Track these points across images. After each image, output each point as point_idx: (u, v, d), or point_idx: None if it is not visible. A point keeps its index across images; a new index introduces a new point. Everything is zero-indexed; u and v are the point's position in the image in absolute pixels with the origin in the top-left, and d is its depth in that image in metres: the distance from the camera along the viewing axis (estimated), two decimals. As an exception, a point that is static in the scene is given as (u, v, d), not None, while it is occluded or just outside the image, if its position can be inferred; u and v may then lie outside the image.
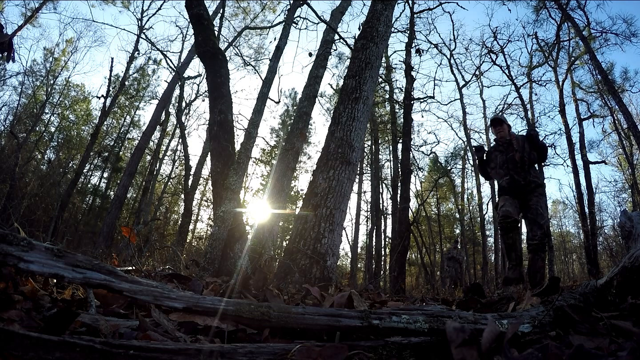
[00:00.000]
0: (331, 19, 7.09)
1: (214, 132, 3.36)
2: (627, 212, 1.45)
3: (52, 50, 17.96)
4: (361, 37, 3.98)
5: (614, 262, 10.09)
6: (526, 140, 3.62)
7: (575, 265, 25.61)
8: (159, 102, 12.77)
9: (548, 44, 13.42)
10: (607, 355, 0.61)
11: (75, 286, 1.13)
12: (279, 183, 5.26)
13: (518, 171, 3.58)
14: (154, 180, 16.81)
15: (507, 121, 3.82)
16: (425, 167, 18.43)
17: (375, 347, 0.72)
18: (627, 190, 16.83)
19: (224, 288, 1.34)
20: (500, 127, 3.75)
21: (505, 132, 3.73)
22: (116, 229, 11.12)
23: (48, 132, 19.09)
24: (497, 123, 3.78)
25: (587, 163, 12.06)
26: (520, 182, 3.54)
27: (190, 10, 3.69)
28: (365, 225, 18.73)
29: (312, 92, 5.97)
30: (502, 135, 3.74)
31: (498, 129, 3.76)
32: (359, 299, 1.22)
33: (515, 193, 3.57)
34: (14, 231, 0.80)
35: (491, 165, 3.82)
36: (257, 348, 0.62)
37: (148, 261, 3.56)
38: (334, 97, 15.29)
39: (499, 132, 3.76)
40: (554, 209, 25.35)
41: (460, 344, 0.57)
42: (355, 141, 3.31)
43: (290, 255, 2.82)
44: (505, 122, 3.78)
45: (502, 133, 3.73)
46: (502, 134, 3.74)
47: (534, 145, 3.58)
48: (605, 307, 0.98)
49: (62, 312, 0.64)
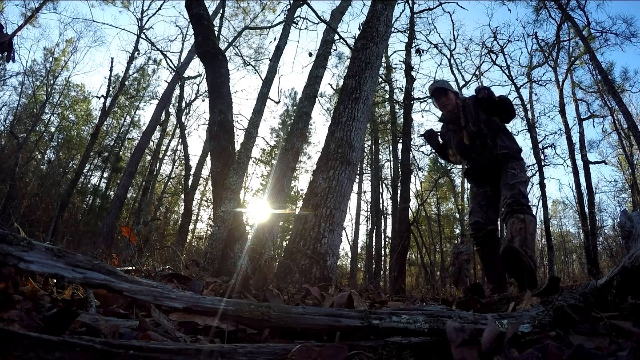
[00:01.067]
0: (331, 19, 7.09)
1: (214, 132, 3.36)
2: (627, 212, 1.45)
3: (52, 50, 17.98)
4: (361, 37, 3.98)
5: (614, 262, 10.08)
6: (478, 107, 2.82)
7: (575, 265, 25.61)
8: (159, 102, 12.78)
9: (548, 44, 13.42)
10: (607, 355, 0.61)
11: (75, 286, 1.13)
12: (279, 183, 5.26)
13: (479, 151, 2.77)
14: (154, 180, 16.81)
15: (452, 88, 3.04)
16: (425, 167, 18.44)
17: (375, 347, 0.72)
18: (627, 190, 16.84)
19: (224, 288, 1.34)
20: (445, 99, 2.95)
21: (452, 102, 2.94)
22: (116, 229, 11.11)
23: (48, 132, 19.10)
24: (441, 93, 2.97)
25: (587, 163, 12.06)
26: (486, 163, 2.78)
27: (190, 10, 3.69)
28: (365, 225, 18.75)
29: (312, 92, 5.97)
30: (449, 108, 2.95)
31: (443, 102, 2.96)
32: (359, 299, 1.22)
33: (483, 178, 2.85)
34: (14, 231, 0.80)
35: (449, 152, 3.05)
36: (257, 348, 0.62)
37: (148, 261, 3.56)
38: (334, 97, 15.28)
39: (444, 105, 2.97)
40: (554, 209, 25.34)
41: (461, 344, 0.57)
42: (355, 141, 3.31)
43: (290, 255, 2.82)
44: (451, 90, 2.99)
45: (449, 105, 2.94)
46: (449, 107, 2.94)
47: (490, 107, 2.73)
48: (605, 307, 0.98)
49: (62, 312, 0.64)
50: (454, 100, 2.96)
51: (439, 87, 3.00)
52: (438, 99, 3.00)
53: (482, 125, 2.76)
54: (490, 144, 2.74)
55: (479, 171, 2.85)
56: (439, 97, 2.99)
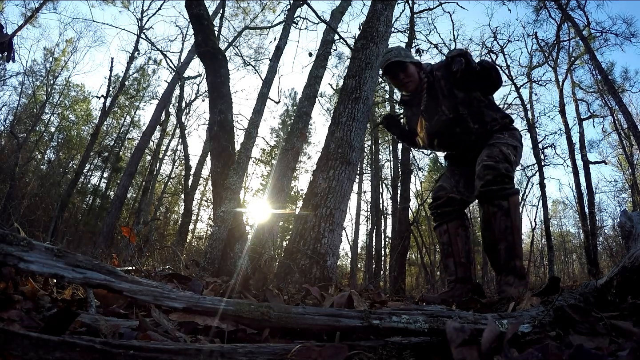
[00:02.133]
0: (331, 19, 7.09)
1: (214, 132, 3.36)
2: (627, 212, 1.45)
3: (52, 50, 17.99)
4: (361, 37, 3.98)
5: (614, 262, 10.09)
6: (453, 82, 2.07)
7: (575, 265, 25.61)
8: (159, 102, 12.77)
9: (548, 44, 13.42)
10: (607, 355, 0.61)
11: (75, 286, 1.13)
12: (279, 183, 5.26)
13: (460, 137, 2.13)
14: (154, 180, 16.81)
15: (412, 58, 2.21)
16: (425, 167, 18.40)
17: (375, 347, 0.72)
18: (627, 190, 16.84)
19: (224, 288, 1.34)
20: (404, 75, 2.16)
21: (414, 79, 2.18)
22: (116, 229, 11.11)
23: (48, 132, 19.10)
24: (398, 69, 2.15)
25: (587, 163, 12.06)
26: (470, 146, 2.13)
27: (190, 10, 3.69)
28: (365, 225, 18.75)
29: (312, 92, 5.97)
30: (411, 87, 2.19)
31: (402, 79, 2.18)
32: (359, 299, 1.22)
33: (469, 158, 2.16)
34: (14, 231, 0.80)
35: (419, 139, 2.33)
36: (257, 348, 0.62)
37: (148, 261, 3.56)
38: (334, 97, 15.29)
39: (404, 84, 2.19)
40: (554, 209, 25.34)
41: (460, 344, 0.57)
42: (355, 141, 3.31)
43: (290, 255, 2.82)
44: (412, 62, 2.17)
45: (411, 84, 2.18)
46: (411, 85, 2.19)
47: (470, 81, 1.99)
48: (605, 307, 0.98)
49: (62, 312, 0.64)
50: (417, 74, 2.19)
51: (395, 62, 2.13)
52: (394, 76, 2.19)
53: (460, 109, 2.08)
54: (473, 128, 2.09)
55: (463, 155, 2.23)
56: (395, 75, 2.18)
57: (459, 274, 2.09)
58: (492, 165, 1.92)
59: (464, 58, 1.93)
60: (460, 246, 2.12)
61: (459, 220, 2.16)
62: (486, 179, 1.91)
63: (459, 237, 2.13)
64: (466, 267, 2.10)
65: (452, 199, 2.16)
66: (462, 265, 2.10)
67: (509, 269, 1.87)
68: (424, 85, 2.18)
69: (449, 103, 2.11)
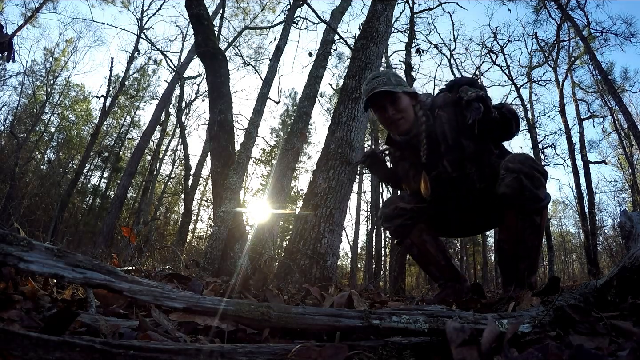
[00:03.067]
0: (331, 19, 7.10)
1: (214, 132, 3.36)
2: (627, 212, 1.45)
3: (52, 50, 17.99)
4: (361, 37, 3.98)
5: (614, 262, 10.09)
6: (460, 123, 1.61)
7: (575, 265, 25.62)
8: (159, 102, 12.79)
9: (548, 44, 13.43)
10: (607, 355, 0.61)
11: (75, 286, 1.13)
12: (279, 183, 5.26)
13: (464, 194, 1.73)
14: (154, 180, 16.81)
15: (406, 86, 1.72)
16: (425, 167, 18.37)
17: (375, 347, 0.72)
18: (627, 190, 16.84)
19: (224, 288, 1.34)
20: (394, 110, 1.68)
21: (408, 115, 1.69)
22: (116, 229, 11.12)
23: (48, 132, 19.11)
24: (387, 101, 1.68)
25: (587, 163, 12.06)
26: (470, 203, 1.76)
27: (190, 10, 3.69)
28: (365, 225, 18.74)
29: (312, 92, 5.97)
30: (404, 127, 1.70)
31: (393, 115, 1.68)
32: (359, 299, 1.22)
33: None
34: (14, 231, 0.80)
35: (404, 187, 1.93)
36: (257, 348, 0.62)
37: (148, 261, 3.56)
38: (334, 97, 15.29)
39: (394, 121, 1.70)
40: (554, 209, 25.35)
41: (460, 344, 0.57)
42: (355, 141, 3.32)
43: (290, 255, 2.82)
44: (407, 93, 1.71)
45: (404, 122, 1.70)
46: (405, 124, 1.70)
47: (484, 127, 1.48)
48: (605, 307, 0.98)
49: (62, 312, 0.64)
50: (411, 109, 1.70)
51: (383, 91, 1.64)
52: (382, 110, 1.70)
53: (468, 166, 1.65)
54: (480, 187, 1.68)
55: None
56: (383, 108, 1.69)
57: (447, 275, 1.90)
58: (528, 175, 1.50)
59: (482, 104, 1.44)
60: (434, 250, 1.88)
61: (418, 225, 1.87)
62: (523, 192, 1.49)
63: (427, 243, 1.88)
64: (449, 267, 1.90)
65: (402, 209, 1.86)
66: (444, 267, 1.89)
67: (524, 285, 1.62)
68: (421, 127, 1.69)
69: (453, 157, 1.66)
